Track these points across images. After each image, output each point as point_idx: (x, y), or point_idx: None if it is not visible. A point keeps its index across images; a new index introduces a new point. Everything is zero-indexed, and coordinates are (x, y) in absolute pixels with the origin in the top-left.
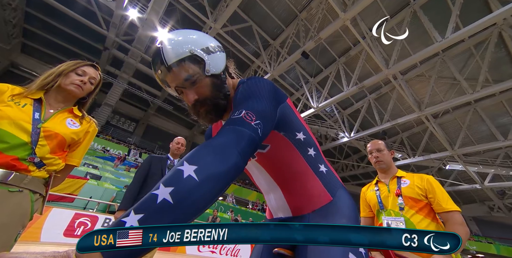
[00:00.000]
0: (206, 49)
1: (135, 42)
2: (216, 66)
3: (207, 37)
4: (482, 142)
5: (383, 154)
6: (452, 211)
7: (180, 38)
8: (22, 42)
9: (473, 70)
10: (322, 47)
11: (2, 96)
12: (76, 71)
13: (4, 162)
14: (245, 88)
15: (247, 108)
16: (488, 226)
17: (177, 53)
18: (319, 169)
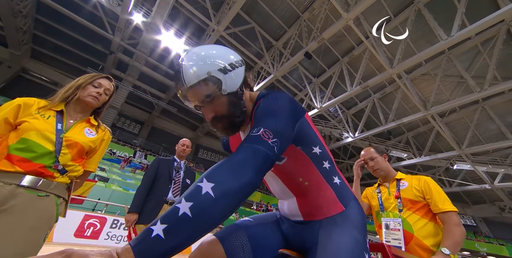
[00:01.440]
0: (223, 69)
1: (139, 46)
2: (232, 85)
3: (226, 54)
4: (491, 140)
5: (377, 162)
6: (449, 212)
7: (199, 59)
8: (31, 47)
9: (481, 68)
10: (325, 47)
11: (30, 109)
12: (93, 84)
13: (33, 170)
14: (265, 105)
15: (265, 127)
16: (499, 227)
17: (195, 75)
18: (333, 181)
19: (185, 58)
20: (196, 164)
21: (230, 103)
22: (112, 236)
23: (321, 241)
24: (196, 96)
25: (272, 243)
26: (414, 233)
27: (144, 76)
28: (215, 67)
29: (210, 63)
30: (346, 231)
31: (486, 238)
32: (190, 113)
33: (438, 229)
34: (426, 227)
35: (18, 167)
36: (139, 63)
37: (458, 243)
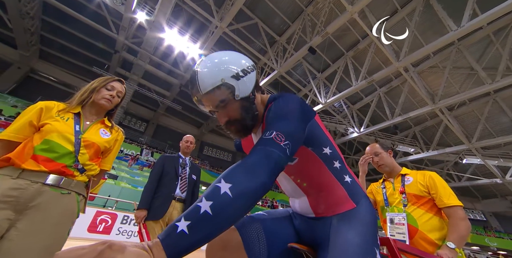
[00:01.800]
0: (236, 75)
1: (143, 44)
2: (244, 90)
3: (239, 60)
4: (502, 134)
5: (382, 157)
6: (454, 206)
7: (213, 66)
8: (39, 48)
9: (492, 59)
10: (329, 41)
11: (51, 112)
12: (106, 87)
13: (56, 169)
14: (277, 108)
15: (278, 130)
16: (510, 222)
17: (210, 83)
18: (344, 179)
19: (200, 65)
20: (202, 161)
21: (243, 108)
22: (123, 231)
23: (332, 237)
24: (211, 101)
25: (285, 236)
26: (419, 227)
27: (148, 74)
28: (228, 73)
29: (223, 70)
30: (357, 227)
31: (496, 233)
32: (194, 111)
33: (443, 223)
34: (431, 221)
35: (43, 166)
36: (143, 61)
37: (463, 237)
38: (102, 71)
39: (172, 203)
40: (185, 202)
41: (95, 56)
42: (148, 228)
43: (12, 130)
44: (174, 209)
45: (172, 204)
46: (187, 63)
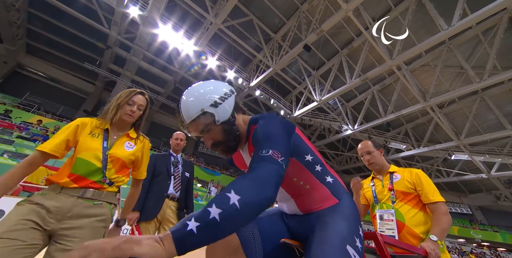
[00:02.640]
0: (214, 104)
1: (137, 40)
2: (224, 115)
3: (217, 88)
4: (489, 131)
5: (374, 156)
6: (438, 202)
7: (193, 98)
8: (26, 43)
9: (481, 58)
10: (324, 39)
11: (86, 129)
12: (128, 102)
13: (87, 184)
14: (264, 128)
15: (273, 148)
16: (495, 215)
17: (191, 114)
18: (326, 180)
19: (183, 98)
20: (197, 158)
21: (225, 131)
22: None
23: (316, 229)
24: (195, 129)
25: (278, 233)
26: (406, 222)
27: (142, 71)
28: (207, 103)
29: (202, 100)
30: (338, 219)
31: (481, 226)
32: None
33: (427, 217)
34: (417, 216)
35: (77, 184)
36: (137, 57)
37: (445, 230)
38: (94, 67)
39: (165, 202)
40: (179, 200)
41: (86, 52)
42: (141, 229)
43: (53, 145)
44: (168, 208)
45: (166, 202)
46: (182, 60)
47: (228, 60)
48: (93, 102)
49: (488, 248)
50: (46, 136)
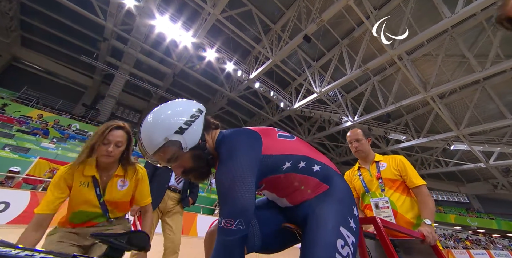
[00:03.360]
0: (179, 130)
1: (133, 32)
2: (192, 140)
3: (181, 111)
4: (489, 120)
5: (362, 144)
6: (421, 186)
7: (154, 127)
8: (21, 35)
9: (484, 47)
10: (325, 29)
11: (73, 181)
12: (103, 142)
13: (95, 224)
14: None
15: (225, 216)
16: (491, 203)
17: (154, 144)
18: (314, 170)
19: (142, 128)
20: None
21: (194, 157)
22: None
23: (310, 215)
24: (161, 159)
25: (275, 219)
26: (398, 209)
27: (140, 64)
28: (171, 130)
29: (166, 128)
30: (331, 203)
31: (477, 214)
32: None
33: (413, 202)
34: (406, 203)
35: (85, 225)
36: (134, 50)
37: (433, 212)
38: (91, 60)
39: (167, 193)
40: (182, 192)
41: (82, 44)
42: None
43: (44, 205)
44: (169, 199)
45: (167, 194)
46: (180, 52)
47: (227, 52)
48: (91, 96)
49: (483, 235)
50: (46, 130)
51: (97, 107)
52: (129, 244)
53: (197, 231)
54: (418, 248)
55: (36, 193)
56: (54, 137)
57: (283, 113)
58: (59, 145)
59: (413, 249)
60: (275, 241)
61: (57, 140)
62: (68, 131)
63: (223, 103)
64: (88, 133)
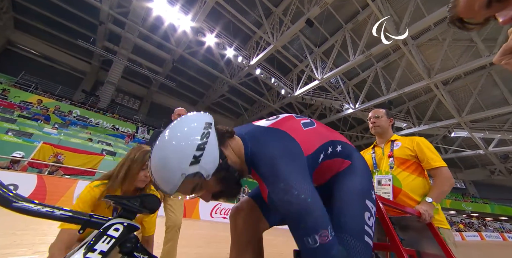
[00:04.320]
0: (194, 160)
1: (130, 15)
2: (211, 164)
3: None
4: (492, 107)
5: (380, 120)
6: (441, 167)
7: (166, 166)
8: (14, 17)
9: (493, 30)
10: (328, 13)
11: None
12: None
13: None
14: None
15: (315, 231)
16: (487, 188)
17: (172, 185)
18: (338, 151)
19: (152, 170)
20: None
21: (221, 180)
22: None
23: (335, 191)
24: (185, 194)
25: None
26: (402, 187)
27: (138, 49)
28: (185, 164)
29: (178, 165)
30: (354, 178)
31: (472, 199)
32: (189, 88)
33: (425, 183)
34: (415, 182)
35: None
36: (132, 34)
37: (443, 192)
38: (88, 44)
39: None
40: None
41: (78, 28)
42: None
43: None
44: None
45: None
46: (179, 37)
47: (227, 37)
48: (90, 82)
49: (476, 218)
50: (47, 116)
51: (96, 93)
52: (141, 206)
53: (200, 214)
54: (414, 226)
55: (42, 176)
56: (55, 123)
57: (284, 100)
58: (61, 130)
59: (409, 226)
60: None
61: (59, 125)
62: (69, 117)
63: (223, 90)
64: (89, 119)
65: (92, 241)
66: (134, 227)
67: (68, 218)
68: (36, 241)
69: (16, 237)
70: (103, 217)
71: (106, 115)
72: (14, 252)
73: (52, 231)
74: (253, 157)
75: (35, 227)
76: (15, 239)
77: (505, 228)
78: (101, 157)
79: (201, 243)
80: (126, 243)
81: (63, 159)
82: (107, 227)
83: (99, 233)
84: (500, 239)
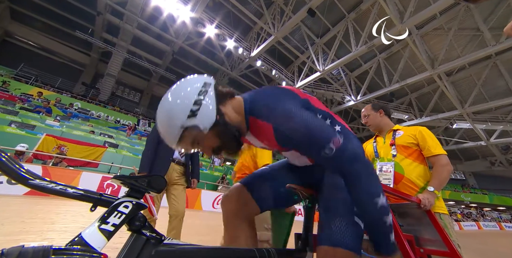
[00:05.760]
0: (191, 113)
1: (128, 5)
2: (208, 120)
3: (187, 93)
4: (496, 98)
5: (369, 118)
6: (440, 155)
7: (166, 119)
8: (10, 7)
9: (501, 18)
10: (330, 1)
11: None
12: None
13: None
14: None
15: (328, 138)
16: (486, 179)
17: (173, 136)
18: (336, 130)
19: (158, 124)
20: None
21: (218, 135)
22: None
23: (326, 176)
24: (186, 146)
25: (286, 181)
26: (405, 174)
27: (137, 41)
28: (183, 117)
29: (177, 116)
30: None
31: (472, 190)
32: None
33: (427, 171)
34: (417, 169)
35: None
36: (131, 25)
37: (444, 180)
38: (86, 36)
39: (171, 165)
40: (185, 165)
41: (76, 19)
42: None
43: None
44: (174, 171)
45: (172, 166)
46: (178, 28)
47: (227, 28)
48: (90, 74)
49: (475, 209)
50: (48, 108)
51: (97, 86)
52: (148, 186)
53: (202, 205)
54: (412, 213)
55: (47, 167)
56: (57, 115)
57: None
58: (63, 123)
59: (408, 213)
60: (285, 200)
61: (60, 118)
62: (71, 110)
63: (224, 82)
64: (90, 111)
65: (105, 215)
66: (142, 205)
67: (80, 195)
68: (45, 229)
69: (25, 224)
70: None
71: (107, 108)
72: (24, 238)
73: (59, 220)
74: (251, 106)
75: (43, 216)
76: (24, 226)
77: (503, 218)
78: (104, 148)
79: (204, 232)
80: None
81: (66, 150)
82: (118, 204)
83: (111, 208)
84: (497, 228)
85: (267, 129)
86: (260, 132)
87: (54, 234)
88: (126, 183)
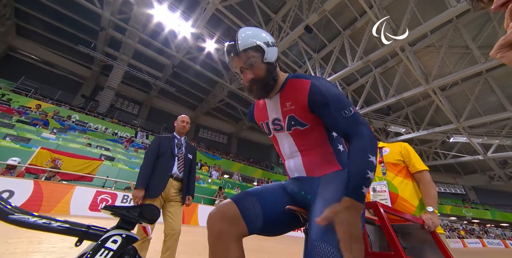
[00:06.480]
0: (266, 43)
1: (131, 21)
2: (271, 56)
3: (268, 34)
4: (489, 113)
5: None
6: (424, 171)
7: (250, 32)
8: (16, 23)
9: (489, 37)
10: (326, 20)
11: None
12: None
13: None
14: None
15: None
16: (487, 194)
17: (247, 43)
18: (337, 147)
19: (240, 31)
20: (198, 143)
21: (267, 70)
22: None
23: (318, 193)
24: (242, 59)
25: (279, 202)
26: (399, 193)
27: (139, 54)
28: (262, 40)
29: (259, 37)
30: (339, 183)
31: (473, 205)
32: (188, 93)
33: (416, 187)
34: (408, 187)
35: None
36: (133, 40)
37: (435, 197)
38: (89, 50)
39: (169, 181)
40: (183, 180)
41: (79, 34)
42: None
43: None
44: (172, 187)
45: (170, 182)
46: (179, 43)
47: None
48: (90, 87)
49: (477, 225)
50: (46, 121)
51: (96, 98)
52: (140, 217)
53: (198, 221)
54: (416, 233)
55: (39, 182)
56: (54, 128)
57: None
58: (60, 135)
59: (411, 234)
60: (277, 224)
61: (57, 130)
62: (68, 122)
63: (223, 95)
64: (88, 124)
65: (89, 254)
66: (132, 238)
67: (65, 229)
68: (30, 250)
69: (9, 245)
70: (101, 228)
71: (105, 120)
72: None
73: (47, 239)
74: (296, 76)
75: (29, 234)
76: (8, 248)
77: (507, 235)
78: (100, 162)
79: (201, 250)
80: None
81: (60, 164)
82: (105, 239)
83: (97, 245)
84: (502, 246)
85: (304, 85)
86: (295, 88)
87: (39, 256)
88: (116, 213)
